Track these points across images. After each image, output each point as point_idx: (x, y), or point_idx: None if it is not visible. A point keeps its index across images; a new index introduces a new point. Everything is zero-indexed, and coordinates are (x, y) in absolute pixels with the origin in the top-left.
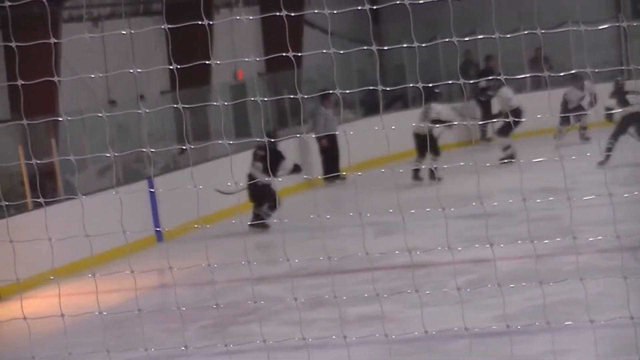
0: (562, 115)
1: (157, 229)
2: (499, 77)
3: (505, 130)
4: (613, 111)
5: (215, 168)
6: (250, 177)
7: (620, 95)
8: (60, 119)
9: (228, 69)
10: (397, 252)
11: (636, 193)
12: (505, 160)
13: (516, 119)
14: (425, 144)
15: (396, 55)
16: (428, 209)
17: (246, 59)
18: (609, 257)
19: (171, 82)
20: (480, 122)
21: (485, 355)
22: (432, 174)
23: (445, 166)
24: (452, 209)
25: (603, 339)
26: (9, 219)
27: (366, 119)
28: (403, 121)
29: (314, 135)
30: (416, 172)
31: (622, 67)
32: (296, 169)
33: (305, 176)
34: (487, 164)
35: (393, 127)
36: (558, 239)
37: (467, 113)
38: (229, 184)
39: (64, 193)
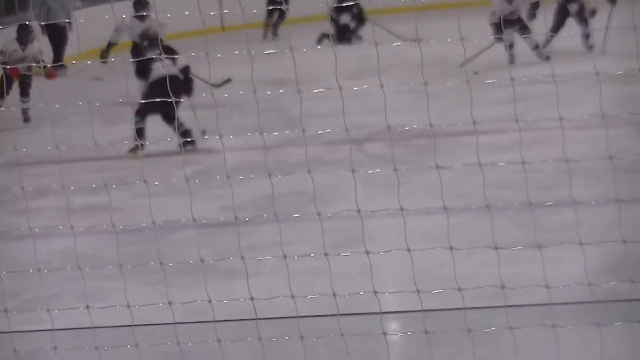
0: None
1: None
2: None
3: None
4: None
5: None
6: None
7: None
8: None
9: None
10: (125, 142)
11: (365, 87)
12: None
13: None
14: None
15: None
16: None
17: None
18: (336, 149)
19: None
20: None
21: (212, 245)
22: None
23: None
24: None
25: (330, 230)
26: None
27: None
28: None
29: None
30: None
31: None
32: None
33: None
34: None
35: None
36: (287, 131)
37: None
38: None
39: None
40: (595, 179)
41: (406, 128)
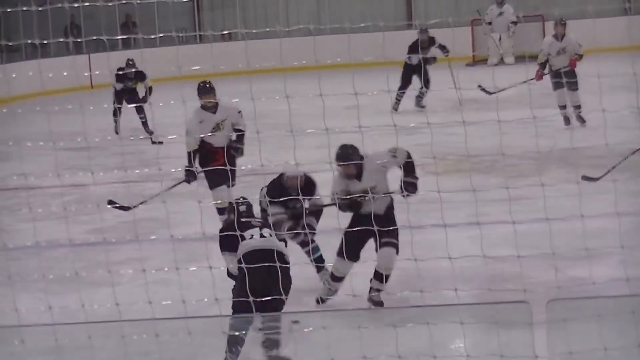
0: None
1: None
2: None
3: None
4: None
5: None
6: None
7: None
8: None
9: None
10: (14, 177)
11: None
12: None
13: None
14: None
15: None
16: (41, 143)
17: None
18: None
19: None
20: None
21: (82, 261)
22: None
23: (56, 108)
24: (62, 143)
25: (179, 249)
26: None
27: None
28: None
29: None
30: None
31: (196, 33)
32: None
33: None
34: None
35: None
36: (146, 169)
37: None
38: None
39: None
40: None
41: (242, 167)
